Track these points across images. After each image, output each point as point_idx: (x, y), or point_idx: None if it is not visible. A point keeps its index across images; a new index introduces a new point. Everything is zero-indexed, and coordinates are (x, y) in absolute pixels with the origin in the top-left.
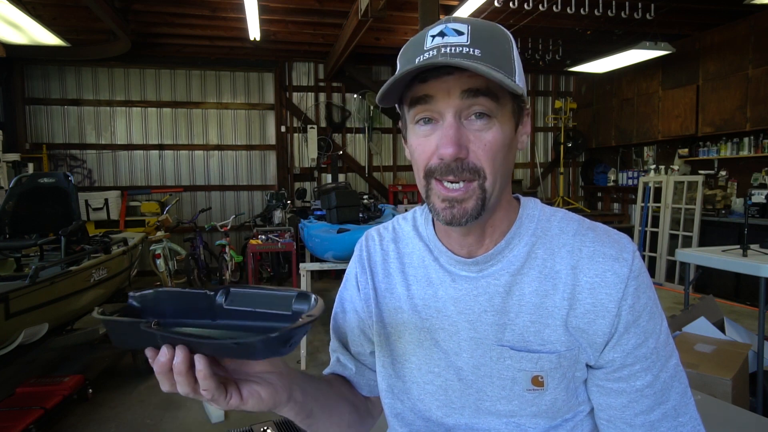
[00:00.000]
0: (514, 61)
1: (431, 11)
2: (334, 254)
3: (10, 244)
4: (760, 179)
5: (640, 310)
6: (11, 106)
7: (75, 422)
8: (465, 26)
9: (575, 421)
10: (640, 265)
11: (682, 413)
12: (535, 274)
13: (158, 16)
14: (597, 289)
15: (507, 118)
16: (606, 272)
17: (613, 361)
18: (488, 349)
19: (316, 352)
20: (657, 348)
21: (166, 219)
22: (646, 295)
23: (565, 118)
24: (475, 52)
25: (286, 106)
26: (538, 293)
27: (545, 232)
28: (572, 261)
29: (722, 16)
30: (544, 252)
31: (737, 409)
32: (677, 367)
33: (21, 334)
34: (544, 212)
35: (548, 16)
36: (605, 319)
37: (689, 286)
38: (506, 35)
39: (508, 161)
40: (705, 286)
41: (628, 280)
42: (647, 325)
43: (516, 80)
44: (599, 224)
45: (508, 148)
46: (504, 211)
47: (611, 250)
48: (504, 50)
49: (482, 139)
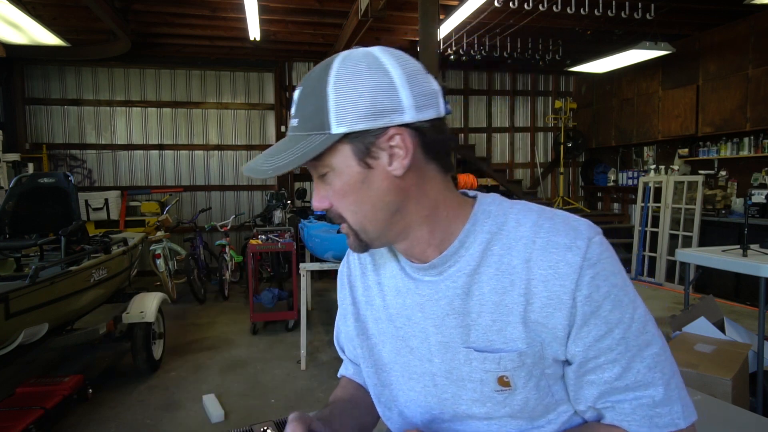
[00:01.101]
0: (328, 107)
1: (431, 11)
2: (334, 254)
3: (10, 244)
4: (760, 179)
5: (600, 300)
6: (11, 106)
7: (75, 422)
8: (298, 90)
9: (559, 422)
10: (598, 252)
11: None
12: (492, 271)
13: (158, 16)
14: (550, 281)
15: (345, 163)
16: (559, 263)
17: (576, 355)
18: (456, 352)
19: (315, 352)
20: (626, 338)
21: (166, 219)
22: (609, 282)
23: (565, 118)
24: (295, 122)
25: (286, 106)
26: (497, 291)
27: (501, 227)
28: (526, 254)
29: (722, 16)
30: (500, 248)
31: (737, 409)
32: (658, 357)
33: (21, 334)
34: (501, 207)
35: (548, 16)
36: (561, 311)
37: (689, 286)
38: (321, 82)
39: (368, 199)
40: (705, 286)
41: (581, 269)
42: (610, 315)
43: (332, 125)
44: (560, 212)
45: (359, 187)
46: (426, 219)
47: (565, 238)
48: (315, 104)
49: (330, 188)
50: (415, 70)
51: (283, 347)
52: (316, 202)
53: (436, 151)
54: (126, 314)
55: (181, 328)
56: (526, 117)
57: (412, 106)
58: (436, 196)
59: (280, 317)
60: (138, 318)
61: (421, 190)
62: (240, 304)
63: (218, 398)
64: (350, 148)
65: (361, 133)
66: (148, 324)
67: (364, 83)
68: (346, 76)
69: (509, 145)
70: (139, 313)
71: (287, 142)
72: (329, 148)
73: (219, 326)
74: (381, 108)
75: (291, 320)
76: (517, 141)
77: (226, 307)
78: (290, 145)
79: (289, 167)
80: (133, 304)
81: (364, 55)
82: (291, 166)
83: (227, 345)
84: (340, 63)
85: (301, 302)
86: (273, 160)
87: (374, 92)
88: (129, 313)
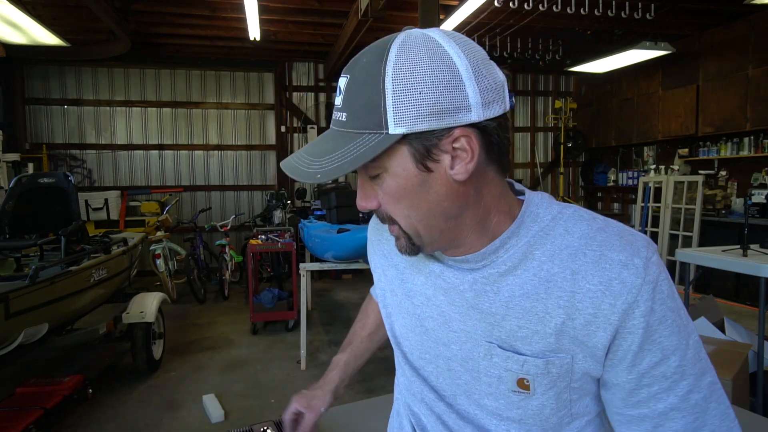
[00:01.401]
0: (386, 104)
1: (431, 11)
2: (334, 254)
3: (10, 244)
4: (760, 179)
5: (656, 325)
6: (11, 106)
7: (75, 422)
8: (345, 79)
9: None
10: (656, 273)
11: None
12: (528, 276)
13: (158, 16)
14: (600, 299)
15: (401, 166)
16: (612, 280)
17: (627, 382)
18: (477, 343)
19: (315, 352)
20: (682, 366)
21: (166, 219)
22: (665, 306)
23: (565, 118)
24: (343, 117)
25: (286, 106)
26: (530, 297)
27: (548, 233)
28: (574, 265)
29: (722, 16)
30: (542, 254)
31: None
32: (713, 386)
33: (21, 334)
34: (550, 210)
35: (548, 16)
36: (606, 331)
37: (689, 286)
38: (378, 72)
39: (424, 203)
40: (705, 286)
41: (639, 289)
42: (666, 340)
43: (390, 125)
44: (613, 223)
45: (415, 192)
46: (478, 225)
47: (620, 255)
48: (369, 98)
49: (381, 189)
50: (481, 59)
51: (283, 347)
52: (363, 201)
53: (498, 151)
54: (126, 314)
55: (181, 328)
56: (526, 117)
57: (479, 104)
58: (491, 202)
59: (280, 317)
60: (138, 318)
61: (479, 195)
62: (240, 304)
63: (218, 398)
64: (408, 150)
65: (422, 134)
66: (148, 324)
67: (427, 77)
68: (406, 67)
69: (509, 145)
70: (139, 313)
71: (335, 141)
72: (386, 150)
73: (219, 326)
74: (445, 106)
75: (291, 320)
76: (517, 141)
77: (226, 307)
78: (340, 145)
79: (341, 172)
80: (133, 304)
81: (424, 40)
82: (343, 171)
83: (227, 345)
84: (398, 50)
85: (301, 302)
86: (321, 162)
87: (438, 88)
88: (129, 313)
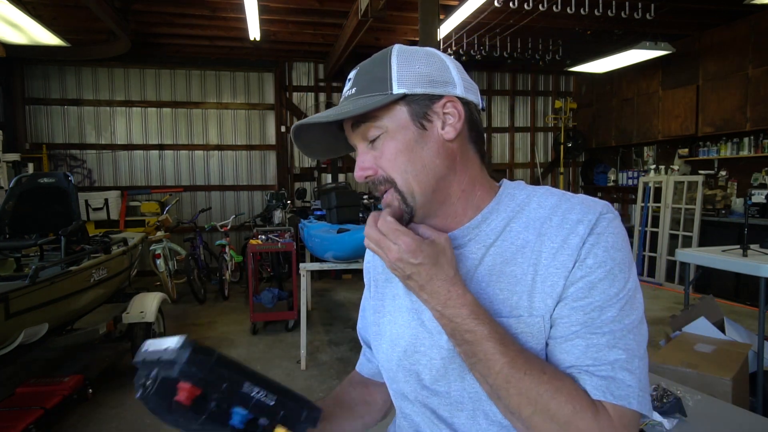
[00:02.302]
0: (391, 74)
1: (431, 11)
2: (334, 254)
3: (10, 244)
4: (760, 179)
5: (594, 267)
6: (11, 106)
7: (75, 422)
8: (355, 71)
9: None
10: (605, 224)
11: (620, 370)
12: (506, 245)
13: (158, 16)
14: (559, 252)
15: (400, 125)
16: (569, 234)
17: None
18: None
19: (315, 352)
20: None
21: (166, 219)
22: (607, 254)
23: (565, 118)
24: (353, 91)
25: (286, 106)
26: (507, 262)
27: (523, 208)
28: (541, 229)
29: (722, 16)
30: (518, 225)
31: (737, 409)
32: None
33: (21, 334)
34: (525, 190)
35: (548, 16)
36: (564, 279)
37: (689, 286)
38: (384, 57)
39: (419, 159)
40: (705, 286)
41: (587, 237)
42: (599, 282)
43: (393, 87)
44: (581, 195)
45: (412, 146)
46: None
47: (578, 215)
48: (375, 75)
49: (380, 153)
50: (460, 66)
51: (283, 347)
52: (360, 170)
53: (476, 132)
54: (126, 314)
55: (181, 328)
56: (526, 117)
57: (462, 86)
58: (475, 175)
59: (280, 317)
60: (138, 318)
61: (464, 162)
62: (240, 304)
63: None
64: (407, 110)
65: (419, 96)
66: (148, 324)
67: (423, 59)
68: (407, 53)
69: (509, 145)
70: (139, 313)
71: (344, 104)
72: (387, 107)
73: (219, 326)
74: (438, 79)
75: (291, 320)
76: (517, 141)
77: (226, 307)
78: (348, 104)
79: (351, 114)
80: (133, 304)
81: (418, 47)
82: (352, 113)
83: (227, 345)
84: (400, 47)
85: (301, 302)
86: (330, 112)
87: (432, 67)
88: (129, 313)
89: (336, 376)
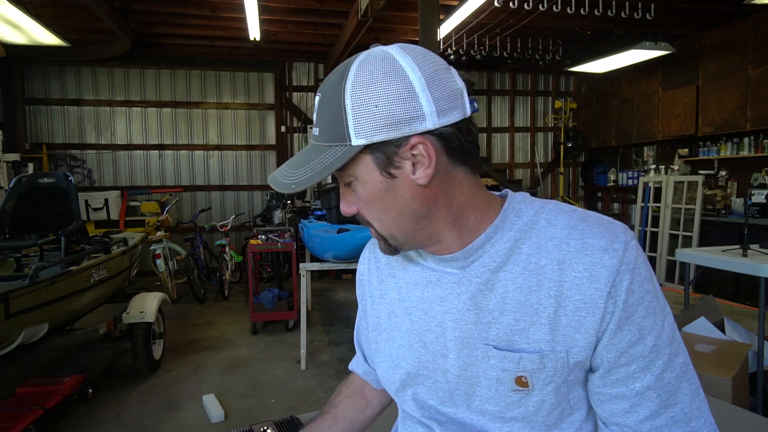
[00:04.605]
0: (347, 119)
1: (431, 11)
2: (334, 254)
3: (10, 244)
4: (760, 179)
5: (634, 305)
6: (11, 106)
7: (75, 422)
8: (318, 97)
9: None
10: (634, 256)
11: (694, 417)
12: (519, 270)
13: (158, 16)
14: (585, 285)
15: (367, 173)
16: (595, 266)
17: (606, 361)
18: (474, 348)
19: (315, 352)
20: (657, 346)
21: (166, 219)
22: (643, 288)
23: (565, 118)
24: (316, 132)
25: (286, 106)
26: (522, 290)
27: (532, 227)
28: (559, 256)
29: (722, 16)
30: (529, 247)
31: (737, 409)
32: (685, 366)
33: (21, 334)
34: (532, 205)
35: (548, 16)
36: (595, 315)
37: (689, 286)
38: (339, 88)
39: (393, 207)
40: (705, 286)
41: (618, 273)
42: (643, 321)
43: (351, 138)
44: (593, 213)
45: (383, 196)
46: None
47: (601, 241)
48: (334, 115)
49: (357, 196)
50: (435, 71)
51: (283, 347)
52: (345, 207)
53: (462, 153)
54: (126, 314)
55: (181, 328)
56: (526, 117)
57: (434, 112)
58: (465, 200)
59: (280, 317)
60: (138, 318)
61: (449, 195)
62: (240, 304)
63: (218, 398)
64: (372, 159)
65: (382, 144)
66: (148, 324)
67: (381, 92)
68: (362, 84)
69: (509, 145)
70: (139, 313)
71: (309, 153)
72: (351, 160)
73: (219, 326)
74: (400, 117)
75: (291, 320)
76: (517, 141)
77: (226, 307)
78: (312, 157)
79: (313, 181)
80: (133, 304)
81: (381, 57)
82: (314, 180)
83: (227, 345)
84: (357, 69)
85: (301, 302)
86: (297, 174)
87: (392, 101)
88: (129, 313)
89: (336, 376)
